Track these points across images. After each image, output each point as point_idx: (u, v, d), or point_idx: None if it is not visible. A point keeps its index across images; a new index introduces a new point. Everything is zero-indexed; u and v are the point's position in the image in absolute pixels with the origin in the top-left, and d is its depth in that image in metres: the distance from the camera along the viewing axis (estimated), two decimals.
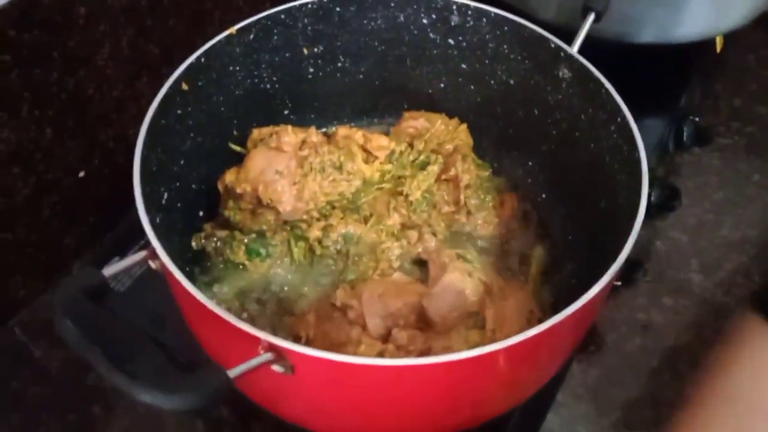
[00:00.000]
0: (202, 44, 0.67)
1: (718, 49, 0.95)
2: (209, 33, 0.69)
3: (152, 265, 0.51)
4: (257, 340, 0.45)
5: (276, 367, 0.46)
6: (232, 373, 0.42)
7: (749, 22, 0.90)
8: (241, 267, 0.67)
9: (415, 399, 0.50)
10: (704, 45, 0.91)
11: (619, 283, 0.76)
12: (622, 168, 0.61)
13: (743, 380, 0.53)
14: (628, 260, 0.75)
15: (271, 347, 0.45)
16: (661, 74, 0.92)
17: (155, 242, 0.50)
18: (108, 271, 0.47)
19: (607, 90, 0.62)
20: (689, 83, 0.93)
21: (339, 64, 0.76)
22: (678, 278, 0.78)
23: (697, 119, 0.90)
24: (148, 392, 0.40)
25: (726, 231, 0.83)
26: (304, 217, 0.67)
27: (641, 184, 0.56)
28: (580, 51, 0.68)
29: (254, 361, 0.44)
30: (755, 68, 1.01)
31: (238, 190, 0.67)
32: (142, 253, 0.51)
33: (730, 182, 0.88)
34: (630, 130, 0.59)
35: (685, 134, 0.88)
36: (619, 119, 0.61)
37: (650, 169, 0.83)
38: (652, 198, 0.81)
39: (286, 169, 0.67)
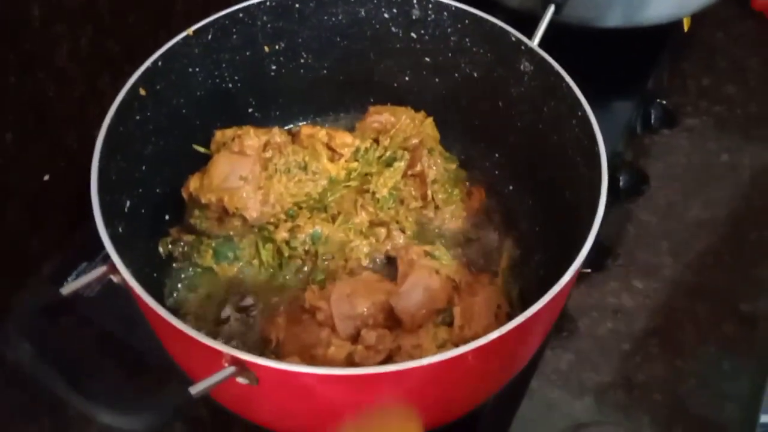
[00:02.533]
0: (166, 38, 0.66)
1: (686, 29, 0.95)
2: (173, 27, 0.68)
3: (114, 278, 0.50)
4: (220, 353, 0.45)
5: (241, 379, 0.46)
6: (194, 389, 0.42)
7: (717, 0, 0.90)
8: (209, 271, 0.67)
9: (383, 403, 0.51)
10: (672, 25, 0.91)
11: (589, 270, 0.76)
12: (584, 161, 0.61)
13: None
14: (598, 246, 0.76)
15: (235, 360, 0.45)
16: (628, 57, 0.92)
17: (115, 257, 0.49)
18: (66, 289, 0.47)
19: (567, 84, 0.62)
20: (656, 65, 0.93)
21: (301, 61, 0.76)
22: (648, 261, 0.79)
23: (664, 102, 0.90)
24: (107, 413, 0.40)
25: (696, 212, 0.83)
26: (272, 219, 0.67)
27: (600, 180, 0.56)
28: (543, 40, 0.68)
29: (217, 376, 0.44)
30: (725, 46, 1.00)
31: (203, 200, 0.67)
32: (103, 268, 0.50)
33: (700, 162, 0.88)
34: (590, 124, 0.59)
35: (652, 117, 0.89)
36: (579, 113, 0.61)
37: (618, 153, 0.85)
38: (621, 183, 0.82)
39: (251, 173, 0.67)
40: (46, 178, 0.75)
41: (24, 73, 0.69)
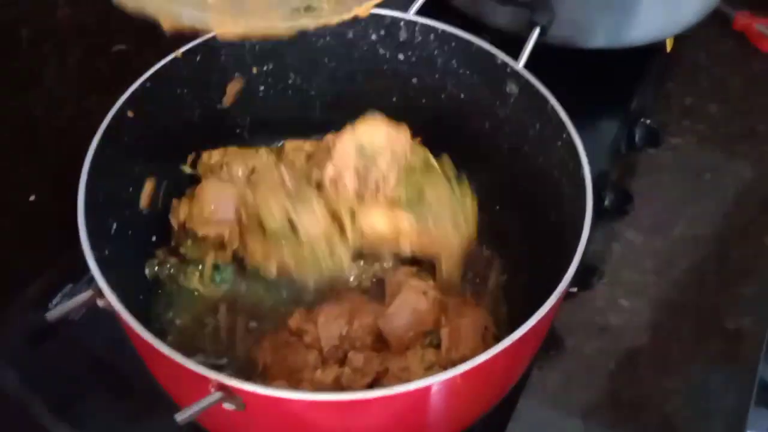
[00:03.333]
0: (155, 58, 0.66)
1: (669, 49, 0.97)
2: (162, 47, 0.68)
3: (99, 303, 0.50)
4: (207, 379, 0.45)
5: (227, 405, 0.46)
6: (181, 415, 0.43)
7: (699, 21, 0.91)
8: (196, 293, 0.67)
9: (370, 427, 0.51)
10: (655, 46, 0.93)
11: (575, 289, 0.77)
12: (569, 183, 0.61)
13: None
14: (584, 265, 0.77)
15: (221, 386, 0.45)
16: (612, 77, 0.93)
17: (102, 282, 0.49)
18: (52, 315, 0.47)
19: (552, 106, 0.63)
20: (640, 84, 0.94)
21: (290, 81, 0.76)
22: (633, 279, 0.79)
23: (648, 121, 0.91)
24: None
25: (680, 230, 0.84)
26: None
27: (585, 203, 0.56)
28: (529, 61, 0.68)
29: (204, 402, 0.44)
30: (706, 65, 1.02)
31: (200, 234, 0.66)
32: (89, 293, 0.50)
33: (683, 181, 0.89)
34: (574, 147, 0.60)
35: (637, 136, 0.90)
36: (564, 135, 0.62)
37: (603, 172, 0.85)
38: (606, 202, 0.83)
39: (241, 203, 0.66)
40: (32, 198, 0.75)
41: (12, 93, 0.69)
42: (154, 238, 0.70)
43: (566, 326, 0.75)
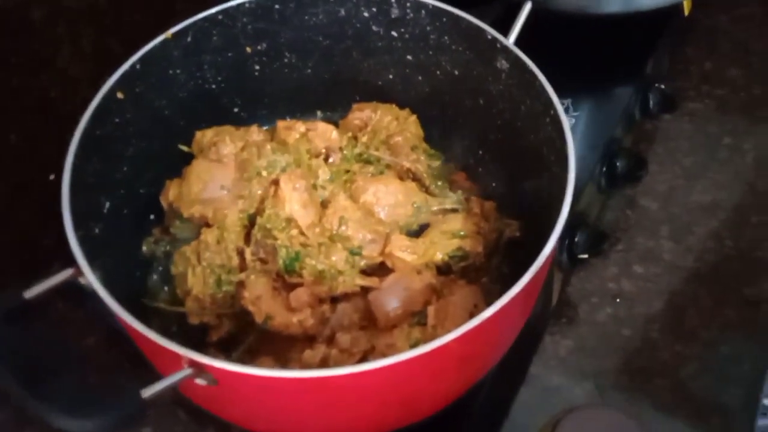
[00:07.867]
0: None
1: (686, 12, 0.94)
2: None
3: (81, 281, 0.50)
4: (179, 356, 0.46)
5: (199, 381, 0.47)
6: (147, 391, 0.44)
7: None
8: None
9: (349, 403, 0.51)
10: (671, 9, 0.90)
11: (586, 256, 0.76)
12: (557, 161, 0.60)
13: None
14: (594, 231, 0.76)
15: (192, 362, 0.46)
16: (626, 41, 0.91)
17: (81, 259, 0.50)
18: (30, 293, 0.48)
19: (540, 82, 0.61)
20: (655, 49, 0.92)
21: (285, 60, 0.76)
22: (648, 246, 0.79)
23: (662, 86, 0.89)
24: (58, 418, 0.41)
25: (697, 195, 0.83)
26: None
27: (566, 181, 0.55)
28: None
29: (173, 378, 0.45)
30: (727, 29, 0.98)
31: (185, 215, 0.67)
32: (69, 271, 0.51)
33: (701, 146, 0.87)
34: (560, 124, 0.59)
35: (651, 102, 0.88)
36: (552, 112, 0.60)
37: (616, 139, 0.84)
38: (618, 168, 0.81)
39: (231, 182, 0.66)
40: (52, 177, 0.76)
41: (27, 75, 0.70)
42: (152, 217, 0.71)
43: (579, 293, 0.75)
